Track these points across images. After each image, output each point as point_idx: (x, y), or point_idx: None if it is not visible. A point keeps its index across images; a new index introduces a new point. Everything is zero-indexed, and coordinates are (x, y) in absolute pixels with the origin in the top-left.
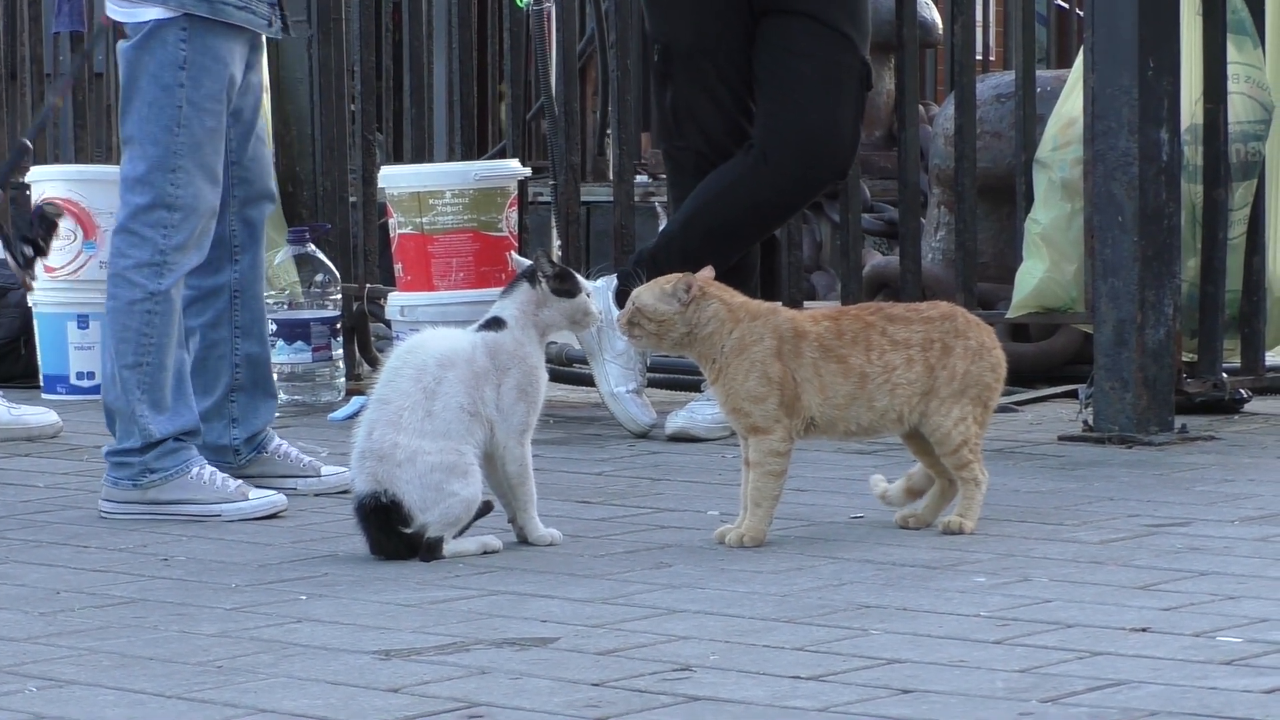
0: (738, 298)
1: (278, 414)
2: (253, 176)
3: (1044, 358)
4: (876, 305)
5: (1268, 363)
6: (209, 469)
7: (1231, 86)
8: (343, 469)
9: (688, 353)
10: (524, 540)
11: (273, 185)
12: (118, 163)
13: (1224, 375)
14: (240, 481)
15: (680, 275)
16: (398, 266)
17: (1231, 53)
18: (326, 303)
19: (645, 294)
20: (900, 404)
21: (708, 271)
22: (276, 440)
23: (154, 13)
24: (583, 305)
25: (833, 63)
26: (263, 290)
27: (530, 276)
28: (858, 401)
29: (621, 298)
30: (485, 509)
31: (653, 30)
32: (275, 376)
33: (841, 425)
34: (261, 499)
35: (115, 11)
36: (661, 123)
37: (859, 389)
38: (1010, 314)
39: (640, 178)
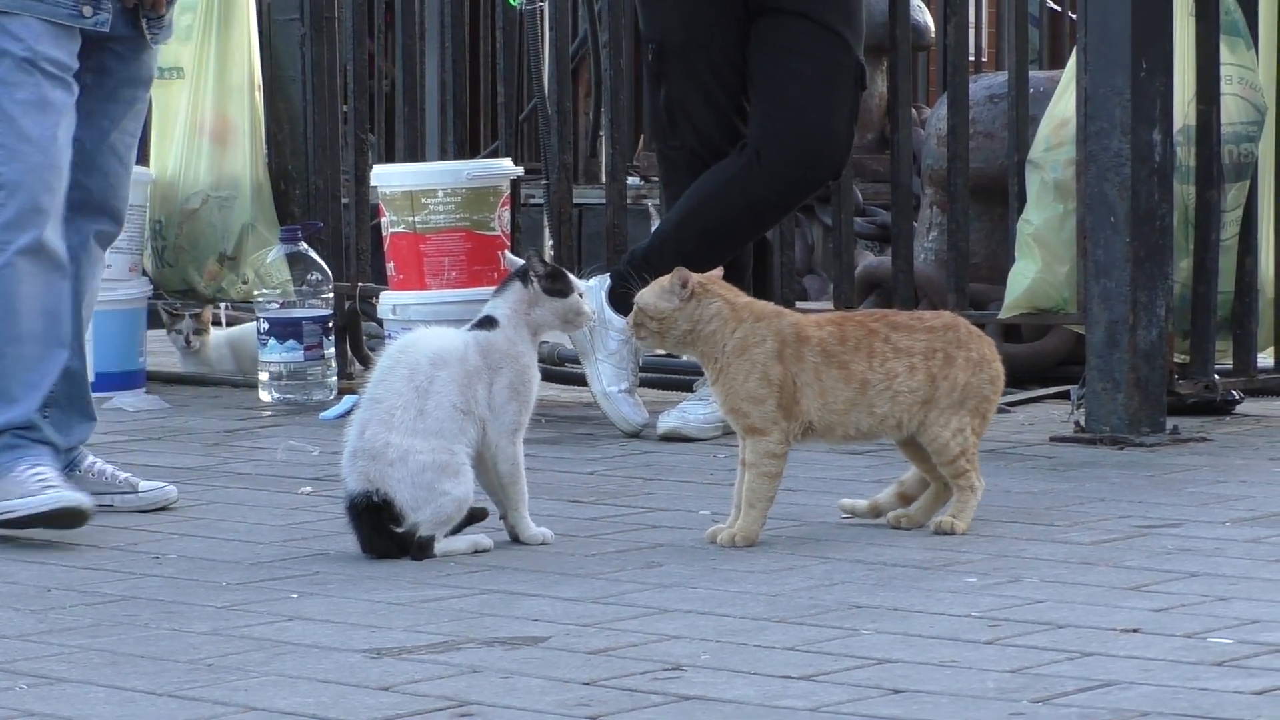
0: (742, 298)
1: (268, 413)
2: (94, 185)
3: (1036, 358)
4: (881, 312)
5: (1260, 364)
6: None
7: (1224, 88)
8: (160, 484)
9: (691, 351)
10: (515, 539)
11: (117, 203)
12: None
13: (1216, 377)
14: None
15: (677, 270)
16: (390, 265)
17: (1224, 54)
18: (318, 301)
19: (646, 293)
20: (900, 411)
21: (716, 272)
22: (90, 458)
23: None
24: (575, 305)
25: (828, 63)
26: (88, 305)
27: (522, 276)
28: (857, 407)
29: (614, 297)
30: (480, 515)
31: (647, 29)
32: (264, 379)
33: (840, 430)
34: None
35: None
36: (655, 122)
37: (859, 395)
38: (1002, 314)
39: (631, 179)
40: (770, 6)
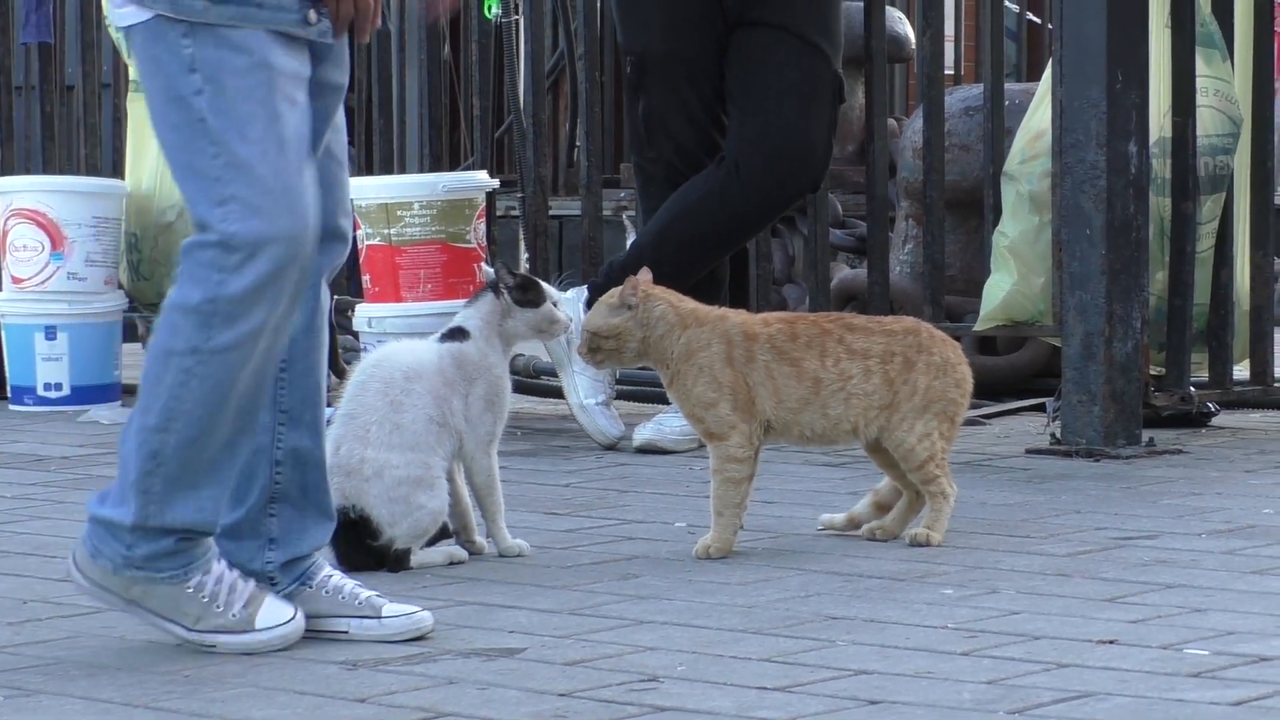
0: (687, 303)
1: None
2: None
3: (1011, 371)
4: (839, 315)
5: (1235, 376)
6: (212, 578)
7: (1200, 100)
8: (411, 608)
9: (645, 360)
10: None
11: (344, 221)
12: (86, 174)
13: (1191, 389)
14: (249, 595)
15: (629, 280)
16: (365, 278)
17: (1200, 66)
18: None
19: (594, 317)
20: (855, 415)
21: (645, 274)
22: (327, 570)
23: (130, 13)
24: (548, 314)
25: (807, 75)
26: (322, 365)
27: (494, 287)
28: (811, 406)
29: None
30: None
31: (625, 41)
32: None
33: (796, 429)
34: (270, 630)
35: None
36: (633, 134)
37: (813, 394)
38: (978, 327)
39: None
40: (749, 19)
